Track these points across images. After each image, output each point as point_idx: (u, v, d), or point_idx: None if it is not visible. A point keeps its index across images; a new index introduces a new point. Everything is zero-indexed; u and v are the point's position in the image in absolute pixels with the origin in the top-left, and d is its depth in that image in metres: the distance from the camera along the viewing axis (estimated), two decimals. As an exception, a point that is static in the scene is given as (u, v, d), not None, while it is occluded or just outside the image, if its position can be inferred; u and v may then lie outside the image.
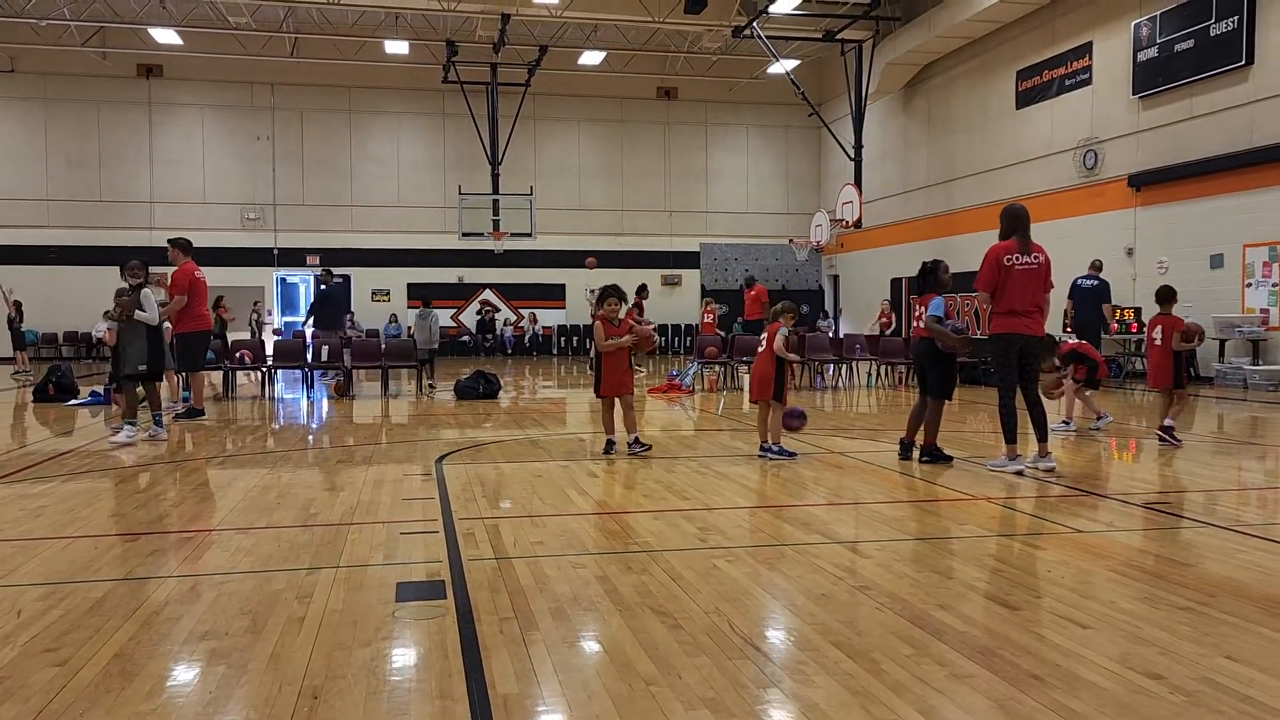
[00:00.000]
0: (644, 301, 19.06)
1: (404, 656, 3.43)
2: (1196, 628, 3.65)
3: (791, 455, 8.01)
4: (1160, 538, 5.32)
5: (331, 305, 16.64)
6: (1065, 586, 4.25)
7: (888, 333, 21.38)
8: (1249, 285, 15.50)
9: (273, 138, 28.03)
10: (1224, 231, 15.94)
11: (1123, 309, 17.25)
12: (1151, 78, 17.28)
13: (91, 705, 2.98)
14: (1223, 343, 15.60)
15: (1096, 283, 15.41)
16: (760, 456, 8.10)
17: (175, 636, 3.62)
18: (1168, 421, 8.72)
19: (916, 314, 8.15)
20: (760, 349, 8.33)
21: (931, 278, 8.04)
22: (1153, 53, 17.23)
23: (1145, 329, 9.17)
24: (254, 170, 27.99)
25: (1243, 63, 15.43)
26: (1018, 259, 7.24)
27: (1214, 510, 6.05)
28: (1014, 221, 7.38)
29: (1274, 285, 15.01)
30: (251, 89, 27.74)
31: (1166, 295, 9.07)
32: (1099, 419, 9.92)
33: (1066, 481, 6.95)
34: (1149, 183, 17.42)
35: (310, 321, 16.54)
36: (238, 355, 14.77)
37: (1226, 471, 7.62)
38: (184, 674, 3.28)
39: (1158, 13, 17.10)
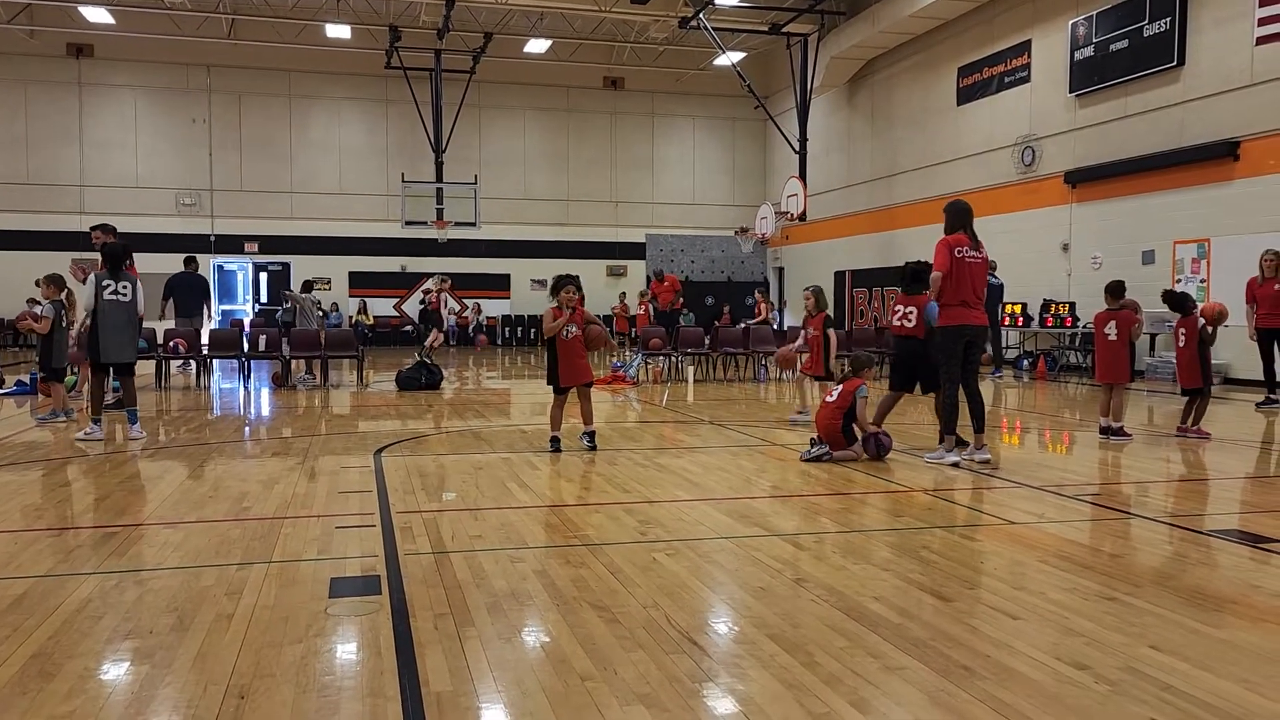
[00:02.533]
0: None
1: (336, 654, 3.37)
2: (1122, 618, 3.73)
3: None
4: (1090, 529, 5.44)
5: (188, 292, 16.41)
6: (997, 578, 4.31)
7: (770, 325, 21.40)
8: (1178, 281, 15.90)
9: (209, 121, 27.36)
10: (1155, 228, 16.34)
11: (1057, 303, 17.64)
12: (1088, 76, 17.63)
13: (5, 708, 2.88)
14: (1153, 337, 16.01)
15: (1001, 282, 16.70)
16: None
17: (97, 635, 3.52)
18: (1116, 424, 8.88)
19: (899, 312, 8.31)
20: (829, 398, 7.77)
21: (925, 277, 8.15)
22: (1089, 52, 17.58)
23: (1094, 325, 9.29)
24: (189, 154, 27.29)
25: (1174, 64, 15.81)
26: (968, 251, 7.36)
27: (1143, 502, 6.20)
28: (962, 216, 7.50)
29: (1202, 281, 15.42)
30: (187, 71, 27.03)
31: (1117, 290, 9.11)
32: (800, 413, 10.11)
33: (1001, 473, 7.07)
34: (1084, 180, 17.79)
35: (168, 308, 16.22)
36: (171, 344, 14.42)
37: (1155, 463, 7.81)
38: (105, 674, 3.18)
39: (1094, 12, 17.44)
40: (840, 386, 7.77)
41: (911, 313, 8.19)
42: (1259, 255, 11.70)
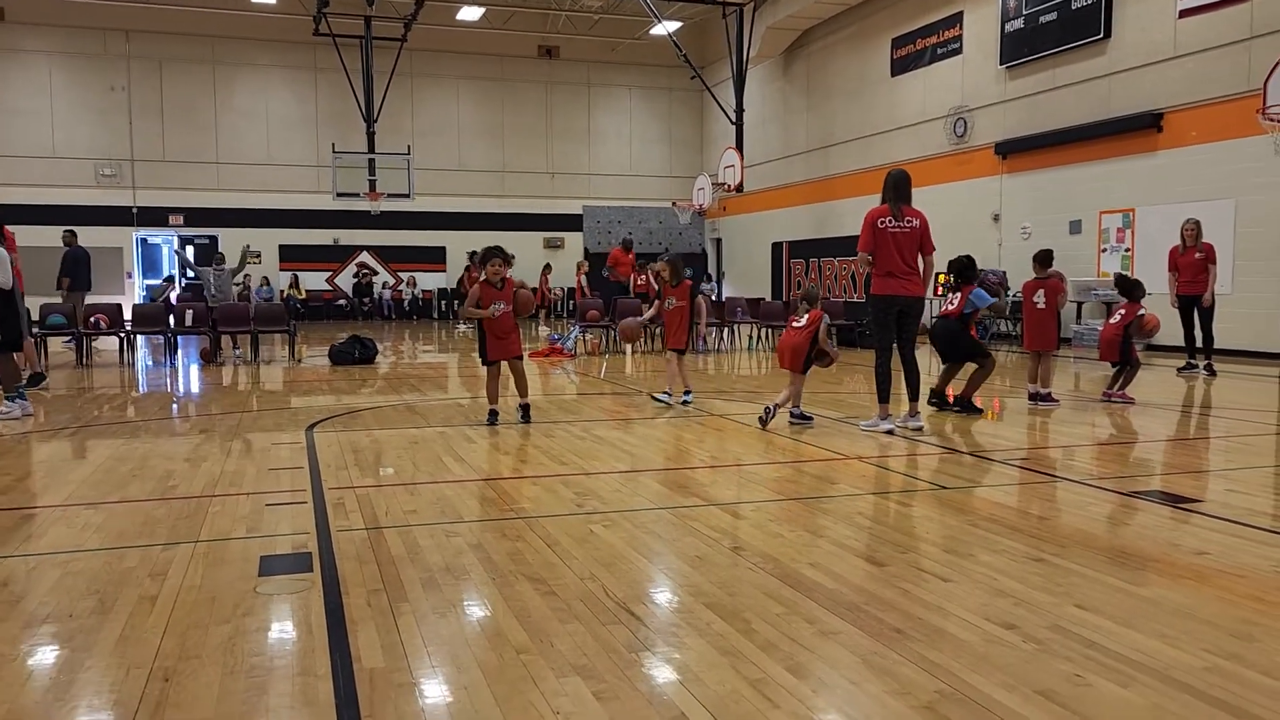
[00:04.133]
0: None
1: (265, 633, 3.29)
2: (1049, 578, 3.82)
3: (809, 419, 7.89)
4: (1019, 492, 5.55)
5: (83, 266, 16.05)
6: (929, 542, 4.38)
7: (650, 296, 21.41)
8: (1104, 250, 16.30)
9: (129, 89, 26.43)
10: (1082, 198, 16.71)
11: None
12: (1018, 48, 17.88)
13: (-86, 698, 2.76)
14: (1079, 305, 16.40)
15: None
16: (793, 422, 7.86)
17: (14, 620, 3.39)
18: (1044, 390, 9.10)
19: (953, 299, 8.70)
20: (798, 323, 7.91)
21: (970, 272, 8.71)
22: (1019, 24, 17.82)
23: (1023, 294, 9.53)
24: (109, 123, 26.36)
25: (1101, 36, 16.11)
26: (890, 223, 7.43)
27: (1070, 465, 6.35)
28: (889, 188, 7.58)
29: (1126, 250, 15.82)
30: (105, 36, 26.05)
31: (1045, 259, 9.36)
32: (686, 393, 9.15)
33: (934, 440, 7.18)
34: (1014, 150, 18.09)
35: (66, 285, 15.76)
36: (92, 320, 13.97)
37: (1081, 428, 8.01)
38: (23, 660, 3.07)
39: (1024, -15, 17.68)
40: (807, 314, 7.92)
41: (955, 298, 8.68)
42: (1180, 224, 12.01)
